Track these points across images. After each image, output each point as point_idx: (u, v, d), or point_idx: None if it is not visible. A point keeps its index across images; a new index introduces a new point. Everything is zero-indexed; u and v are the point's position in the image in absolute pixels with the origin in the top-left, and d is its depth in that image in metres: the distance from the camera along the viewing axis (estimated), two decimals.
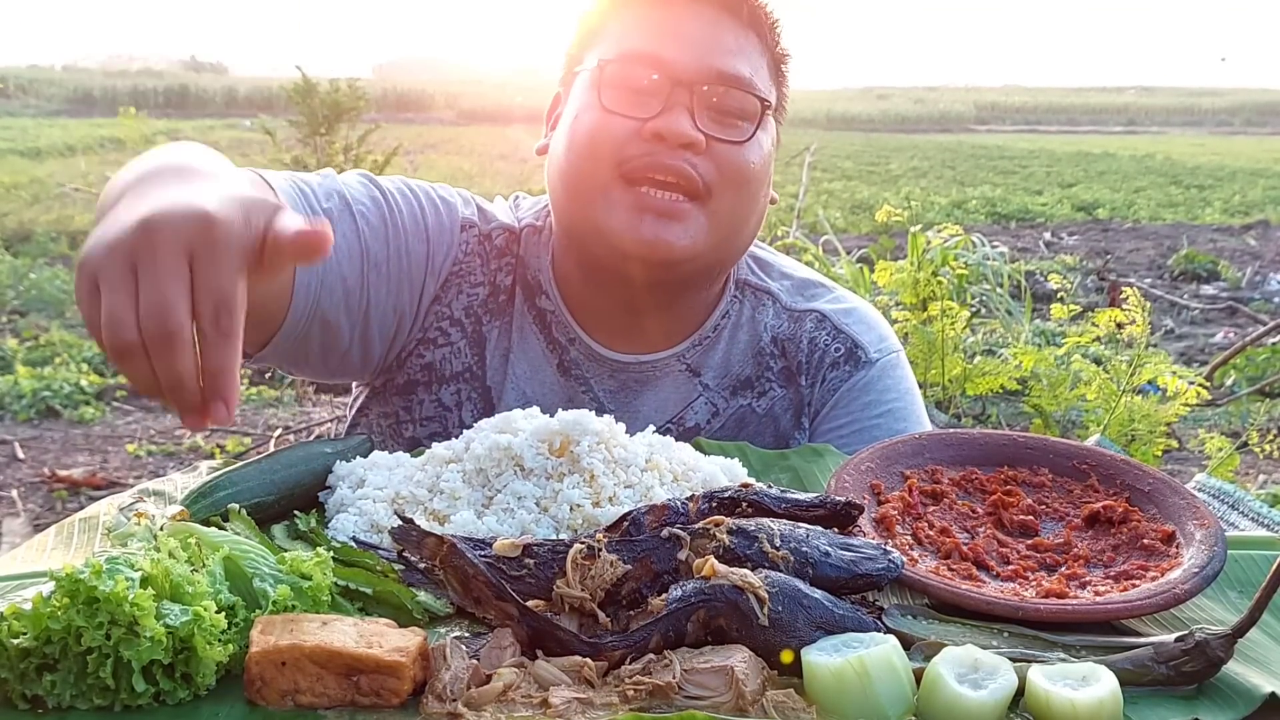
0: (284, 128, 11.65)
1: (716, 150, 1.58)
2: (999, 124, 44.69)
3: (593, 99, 1.60)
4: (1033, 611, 1.10)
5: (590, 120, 1.60)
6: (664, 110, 1.56)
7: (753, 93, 1.61)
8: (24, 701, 0.93)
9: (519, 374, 1.72)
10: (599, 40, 1.67)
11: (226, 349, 0.99)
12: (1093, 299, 9.02)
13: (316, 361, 1.67)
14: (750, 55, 1.64)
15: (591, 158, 1.59)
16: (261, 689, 0.94)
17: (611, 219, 1.57)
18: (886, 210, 4.68)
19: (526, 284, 1.75)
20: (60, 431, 5.91)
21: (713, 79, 1.58)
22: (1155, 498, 1.32)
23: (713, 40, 1.60)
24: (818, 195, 14.17)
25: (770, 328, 1.78)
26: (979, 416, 5.66)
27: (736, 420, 1.74)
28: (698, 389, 1.75)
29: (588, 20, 1.71)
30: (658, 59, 1.58)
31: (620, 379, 1.73)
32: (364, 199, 1.66)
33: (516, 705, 0.92)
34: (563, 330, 1.74)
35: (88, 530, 1.28)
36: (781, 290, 1.81)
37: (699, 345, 1.75)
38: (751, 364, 1.77)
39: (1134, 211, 15.78)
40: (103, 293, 1.00)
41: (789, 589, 1.01)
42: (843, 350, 1.76)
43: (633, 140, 1.56)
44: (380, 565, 1.15)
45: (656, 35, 1.61)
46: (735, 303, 1.79)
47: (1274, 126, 45.00)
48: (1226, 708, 0.97)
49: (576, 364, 1.73)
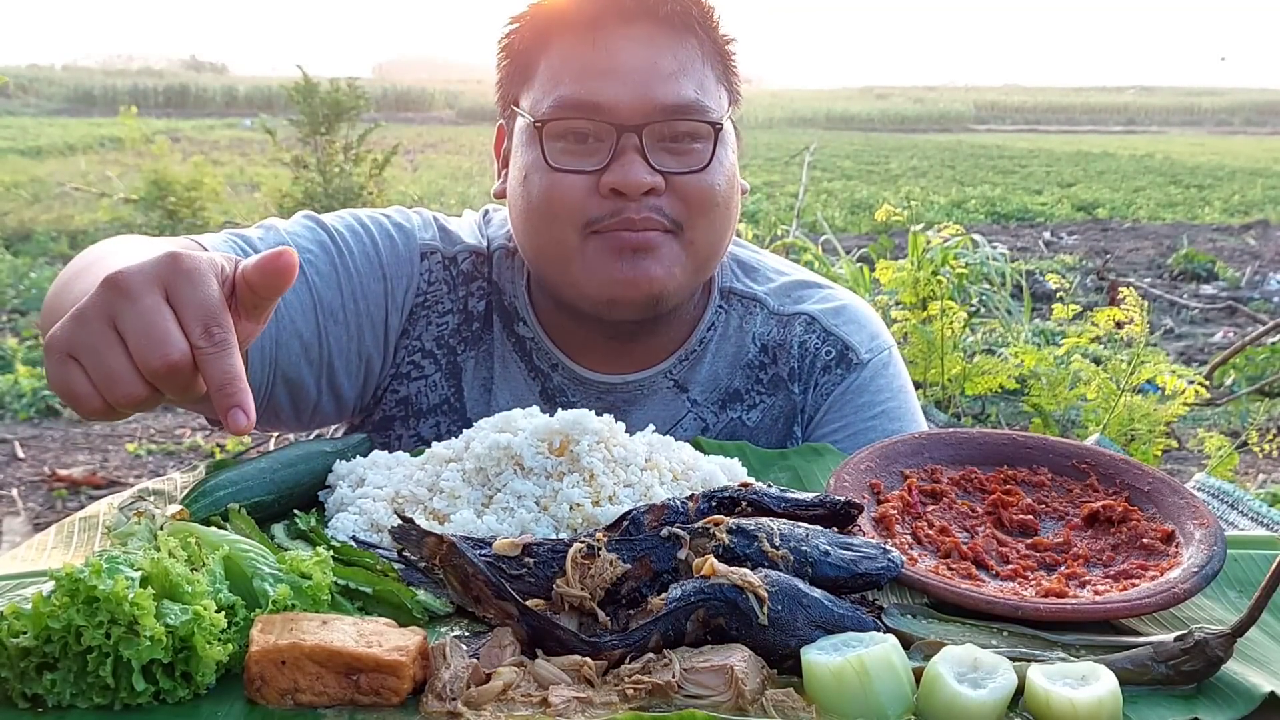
0: (284, 127, 11.66)
1: (678, 184, 1.53)
2: (998, 123, 44.71)
3: (538, 157, 1.54)
4: (1032, 611, 1.10)
5: (542, 182, 1.53)
6: (614, 159, 1.50)
7: (702, 120, 1.54)
8: (24, 700, 0.93)
9: (501, 404, 1.66)
10: (531, 78, 1.59)
11: (226, 359, 0.99)
12: (1092, 298, 9.02)
13: (289, 418, 1.64)
14: (692, 68, 1.55)
15: (553, 221, 1.54)
16: (261, 688, 0.94)
17: (591, 276, 1.54)
18: (886, 210, 4.68)
19: (504, 310, 1.70)
20: (60, 431, 5.91)
21: (657, 114, 1.51)
22: (1155, 497, 1.33)
23: (649, 68, 1.52)
24: (817, 195, 14.17)
25: (759, 337, 1.73)
26: (978, 416, 5.66)
27: (727, 434, 1.70)
28: (686, 405, 1.71)
29: (515, 51, 1.63)
30: (596, 106, 1.51)
31: (607, 401, 1.68)
32: (310, 245, 1.61)
33: (516, 704, 0.93)
34: (544, 357, 1.69)
35: (88, 530, 1.28)
36: (769, 295, 1.76)
37: (685, 360, 1.71)
38: (740, 376, 1.72)
39: (1133, 211, 15.78)
40: (84, 359, 1.00)
41: (788, 588, 1.01)
42: (834, 353, 1.72)
43: (591, 198, 1.51)
44: (380, 564, 1.15)
45: (590, 76, 1.52)
46: (721, 313, 1.74)
47: (1273, 126, 45.02)
48: (1226, 707, 0.97)
49: (561, 390, 1.69)
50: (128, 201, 11.98)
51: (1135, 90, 67.93)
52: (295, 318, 1.56)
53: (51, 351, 1.02)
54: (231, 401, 0.99)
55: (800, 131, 32.12)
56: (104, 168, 15.06)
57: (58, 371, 1.02)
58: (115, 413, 1.04)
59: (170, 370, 0.98)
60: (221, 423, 1.02)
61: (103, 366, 0.99)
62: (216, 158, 17.11)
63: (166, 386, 1.00)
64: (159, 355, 0.98)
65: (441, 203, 13.53)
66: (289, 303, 1.56)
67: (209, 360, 0.99)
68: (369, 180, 11.32)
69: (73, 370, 1.01)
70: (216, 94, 41.21)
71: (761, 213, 12.62)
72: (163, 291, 1.00)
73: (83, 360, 1.00)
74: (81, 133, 21.76)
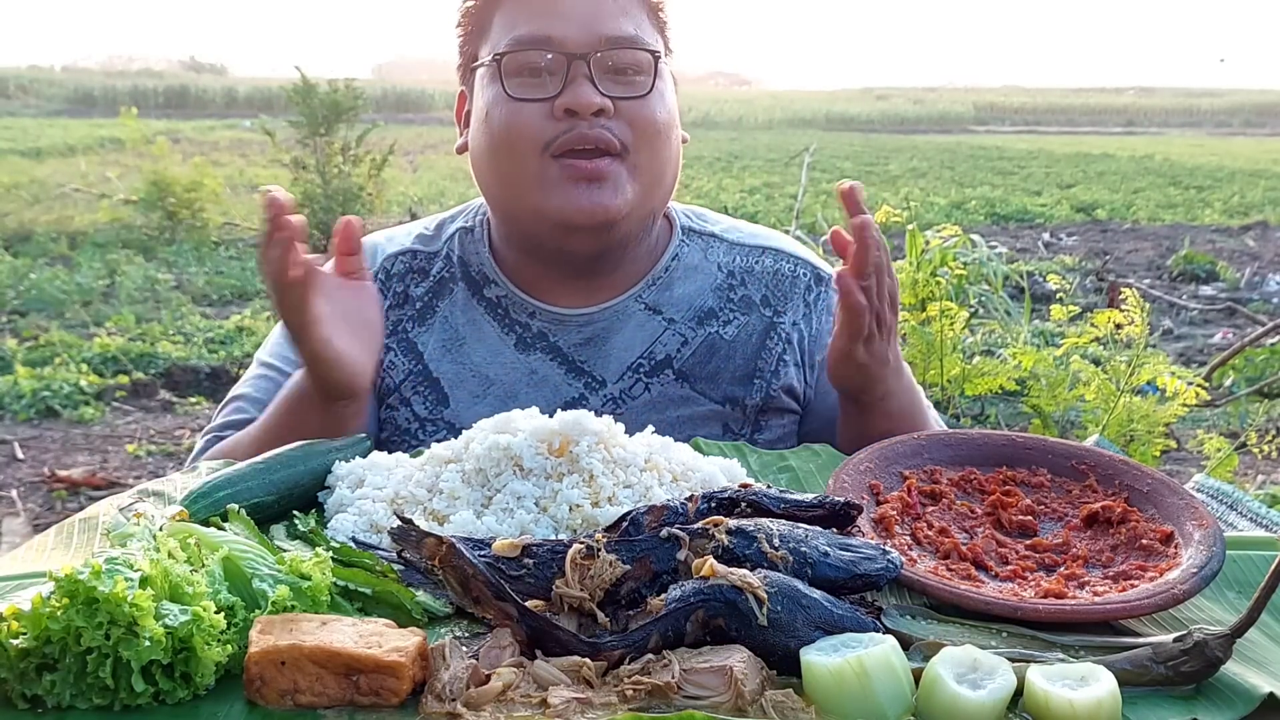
0: (283, 128, 11.66)
1: (624, 109, 1.69)
2: (998, 124, 44.69)
3: (498, 91, 1.70)
4: (1031, 612, 1.10)
5: (503, 112, 1.69)
6: (567, 85, 1.67)
7: (643, 48, 1.71)
8: (24, 701, 0.93)
9: (477, 360, 1.79)
10: (487, 33, 1.76)
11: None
12: (1092, 299, 9.02)
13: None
14: (632, 12, 1.74)
15: (515, 147, 1.69)
16: (261, 689, 0.94)
17: (549, 199, 1.68)
18: (886, 210, 4.68)
19: (471, 280, 1.84)
20: (60, 431, 5.90)
21: (603, 44, 1.68)
22: (1154, 498, 1.33)
23: (594, 6, 1.70)
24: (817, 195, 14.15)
25: (723, 265, 1.87)
26: (978, 417, 5.66)
27: (707, 347, 1.80)
28: (662, 324, 1.81)
29: (472, 15, 1.79)
30: (548, 39, 1.68)
31: (587, 332, 1.80)
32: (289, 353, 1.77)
33: (515, 705, 0.93)
34: (520, 309, 1.81)
35: (87, 530, 1.28)
36: (724, 233, 1.91)
37: (654, 285, 1.83)
38: (711, 296, 1.84)
39: (1133, 212, 15.76)
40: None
41: (788, 589, 1.02)
42: (809, 274, 1.88)
43: (548, 121, 1.67)
44: (379, 565, 1.15)
45: (542, 16, 1.70)
46: (684, 245, 1.88)
47: (1273, 127, 45.02)
48: (1225, 708, 0.97)
49: (541, 334, 1.80)
50: (128, 202, 11.99)
51: (1135, 91, 67.95)
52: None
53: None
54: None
55: (800, 132, 32.13)
56: (104, 169, 15.06)
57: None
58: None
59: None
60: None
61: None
62: (216, 159, 17.09)
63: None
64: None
65: (441, 203, 13.52)
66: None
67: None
68: (368, 181, 11.32)
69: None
70: (216, 95, 41.19)
71: (761, 213, 12.62)
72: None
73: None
74: (81, 134, 21.76)
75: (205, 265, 10.07)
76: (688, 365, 1.79)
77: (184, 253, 10.53)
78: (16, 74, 42.69)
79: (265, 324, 7.77)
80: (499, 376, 1.78)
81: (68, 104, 36.56)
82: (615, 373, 1.78)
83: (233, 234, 11.65)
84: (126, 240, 10.90)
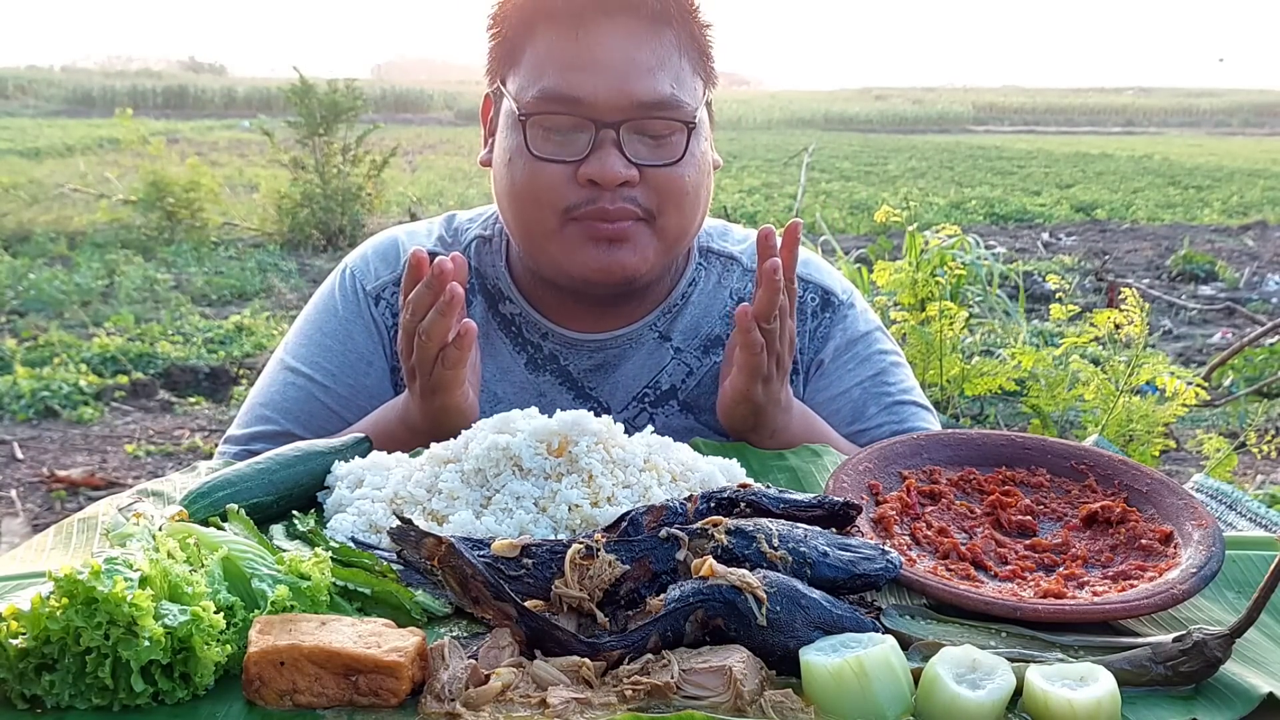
0: (282, 128, 11.66)
1: (652, 176, 1.61)
2: (997, 124, 44.69)
3: (521, 144, 1.62)
4: (1030, 612, 1.10)
5: (524, 169, 1.62)
6: (593, 151, 1.58)
7: (676, 117, 1.61)
8: (23, 701, 0.93)
9: (486, 376, 1.75)
10: (518, 63, 1.66)
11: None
12: (1091, 299, 9.02)
13: None
14: (669, 61, 1.62)
15: (534, 206, 1.63)
16: (260, 689, 0.94)
17: (568, 256, 1.64)
18: (885, 211, 4.68)
19: (487, 293, 1.81)
20: (59, 431, 5.90)
21: (634, 110, 1.59)
22: (1153, 498, 1.33)
23: (627, 63, 1.59)
24: (816, 196, 14.17)
25: (735, 291, 1.83)
26: (977, 417, 5.66)
27: (712, 378, 1.78)
28: (669, 353, 1.79)
29: (503, 33, 1.69)
30: (577, 101, 1.58)
31: (598, 358, 1.78)
32: (310, 371, 1.78)
33: (514, 705, 0.93)
34: (533, 329, 1.78)
35: (86, 530, 1.28)
36: (743, 254, 1.86)
37: (668, 313, 1.81)
38: (720, 324, 1.82)
39: (1132, 212, 15.77)
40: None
41: (787, 589, 1.02)
42: (818, 299, 1.84)
43: (570, 187, 1.60)
44: (379, 565, 1.15)
45: (571, 69, 1.59)
46: (701, 270, 1.84)
47: (1272, 127, 45.04)
48: (1224, 708, 0.97)
49: (552, 357, 1.78)
50: (126, 203, 11.98)
51: (1134, 91, 67.97)
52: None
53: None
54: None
55: (799, 132, 32.14)
56: (102, 169, 15.05)
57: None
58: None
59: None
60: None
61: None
62: (215, 159, 17.09)
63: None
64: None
65: (440, 204, 13.52)
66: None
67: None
68: (367, 181, 11.32)
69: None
70: (215, 95, 41.18)
71: (760, 213, 12.62)
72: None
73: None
74: (80, 134, 21.75)
75: (204, 265, 10.06)
76: (692, 396, 1.77)
77: (183, 253, 10.53)
78: (15, 74, 42.68)
79: (264, 324, 7.78)
80: (506, 395, 1.76)
81: (66, 104, 36.55)
82: (621, 401, 1.77)
83: (231, 234, 11.65)
84: (125, 240, 10.89)
